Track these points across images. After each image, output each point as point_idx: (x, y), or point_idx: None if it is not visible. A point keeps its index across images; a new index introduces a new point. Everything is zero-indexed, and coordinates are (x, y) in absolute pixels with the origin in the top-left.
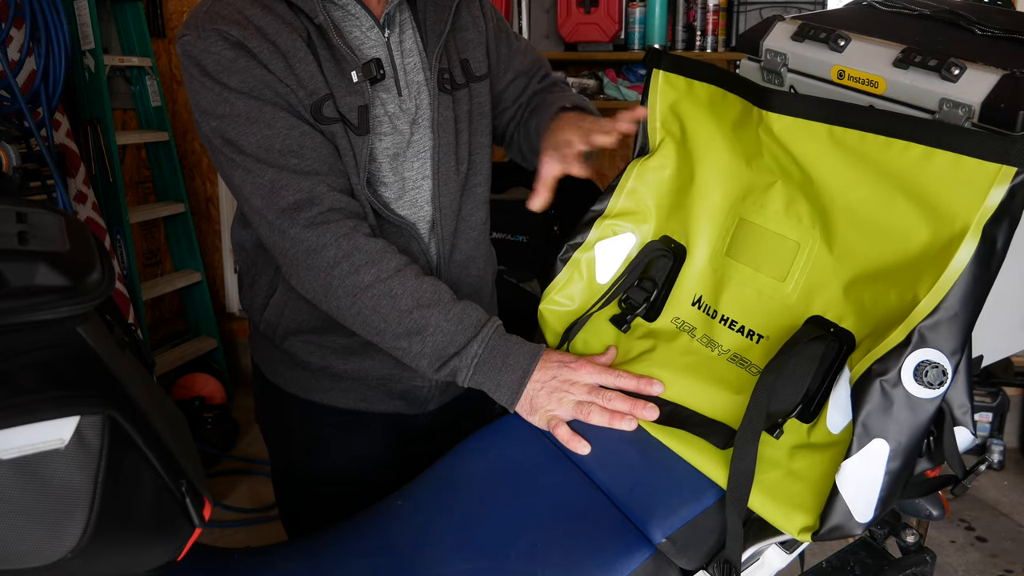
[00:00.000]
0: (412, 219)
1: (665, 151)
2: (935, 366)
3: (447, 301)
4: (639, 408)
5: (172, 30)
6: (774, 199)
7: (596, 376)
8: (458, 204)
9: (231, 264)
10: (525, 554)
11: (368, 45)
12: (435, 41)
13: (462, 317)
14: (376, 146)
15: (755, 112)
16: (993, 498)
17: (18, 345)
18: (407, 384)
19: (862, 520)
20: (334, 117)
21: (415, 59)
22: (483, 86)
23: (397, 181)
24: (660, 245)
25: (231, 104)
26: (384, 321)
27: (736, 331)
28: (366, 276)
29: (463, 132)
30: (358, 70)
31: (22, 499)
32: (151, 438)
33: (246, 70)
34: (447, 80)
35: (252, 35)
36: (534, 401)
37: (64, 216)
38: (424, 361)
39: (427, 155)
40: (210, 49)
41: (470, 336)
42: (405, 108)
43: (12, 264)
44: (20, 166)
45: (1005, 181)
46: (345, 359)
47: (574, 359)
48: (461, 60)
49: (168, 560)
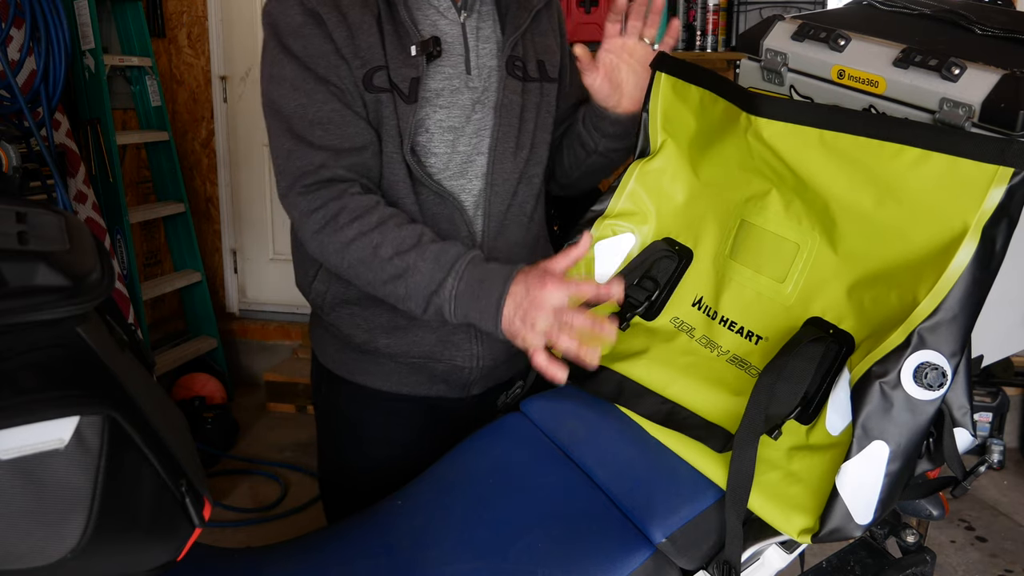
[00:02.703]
0: (457, 191)
1: (666, 153)
2: (935, 368)
3: (426, 242)
4: (598, 325)
5: (172, 30)
6: (773, 201)
7: (558, 294)
8: (513, 187)
9: (231, 264)
10: (525, 554)
11: (443, 24)
12: (512, 32)
13: (439, 256)
14: (431, 117)
15: (743, 117)
16: (993, 498)
17: (18, 345)
18: (448, 364)
19: (862, 522)
20: (384, 87)
21: (491, 46)
22: (554, 88)
23: (448, 153)
24: (665, 246)
25: (283, 67)
26: (370, 271)
27: (735, 332)
28: (349, 231)
29: (528, 121)
30: (417, 44)
31: (22, 499)
32: (151, 438)
33: (309, 37)
34: (519, 68)
35: (326, 4)
36: (512, 327)
37: (64, 216)
38: (411, 303)
39: (486, 133)
40: (286, 12)
41: (446, 271)
42: (471, 86)
43: (12, 264)
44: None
45: (1003, 182)
46: (388, 334)
47: (538, 279)
48: (538, 60)
49: (168, 560)
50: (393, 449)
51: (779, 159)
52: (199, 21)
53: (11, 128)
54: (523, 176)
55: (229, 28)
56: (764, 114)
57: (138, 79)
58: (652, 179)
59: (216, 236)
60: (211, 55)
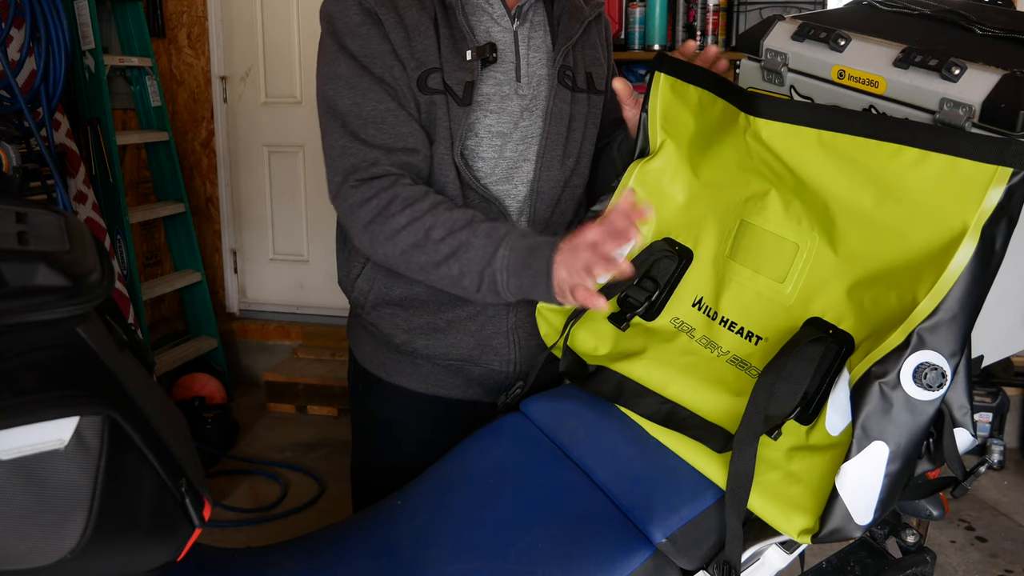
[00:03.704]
0: (502, 196)
1: (666, 153)
2: (934, 368)
3: (478, 221)
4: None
5: (172, 30)
6: (773, 201)
7: (593, 233)
8: (558, 195)
9: (231, 264)
10: (525, 554)
11: (496, 31)
12: (563, 42)
13: (490, 232)
14: (480, 121)
15: (742, 117)
16: (993, 498)
17: (18, 345)
18: (485, 368)
19: (861, 522)
20: (438, 89)
21: (542, 55)
22: (600, 100)
23: (496, 158)
24: (665, 246)
25: (339, 65)
26: (423, 254)
27: (735, 333)
28: (401, 218)
29: (576, 130)
30: (473, 49)
31: (22, 499)
32: (151, 438)
33: (366, 37)
34: (569, 78)
35: (384, 5)
36: (561, 283)
37: (64, 216)
38: (466, 280)
39: (534, 140)
40: (345, 11)
41: (497, 244)
42: (521, 94)
43: (12, 264)
44: (20, 166)
45: (1001, 182)
46: (427, 335)
47: (579, 234)
48: (587, 72)
49: (168, 560)
50: (426, 450)
51: (778, 159)
52: (199, 21)
53: (11, 128)
54: (567, 184)
55: (229, 28)
56: (762, 114)
57: (138, 79)
58: (652, 179)
59: (216, 236)
60: (211, 55)
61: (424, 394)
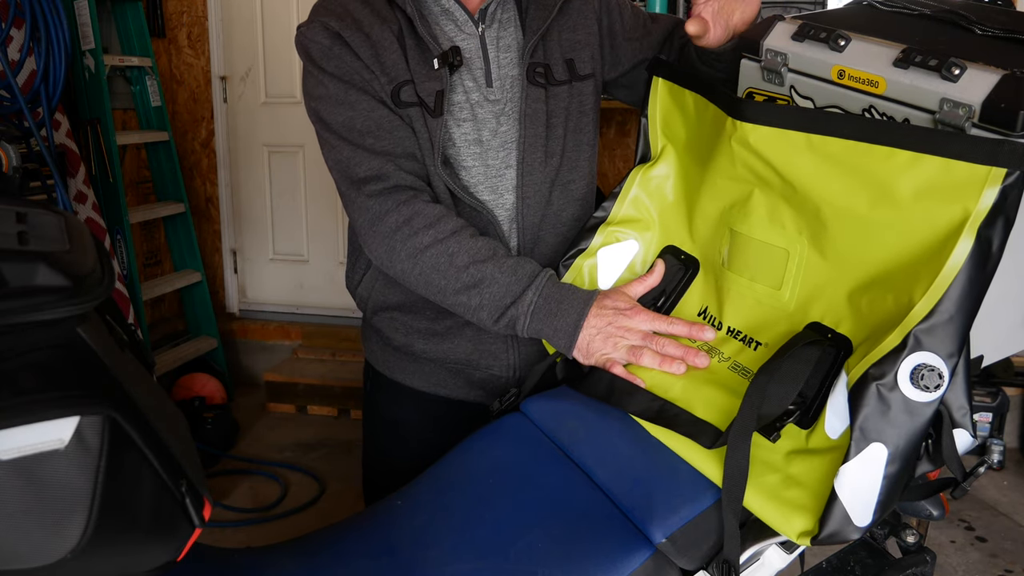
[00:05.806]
0: (492, 205)
1: (667, 158)
2: (931, 369)
3: (502, 256)
4: (691, 356)
5: (172, 30)
6: (756, 208)
7: (650, 323)
8: (546, 196)
9: (231, 264)
10: (525, 554)
11: (460, 37)
12: (531, 37)
13: (516, 269)
14: (455, 131)
15: (729, 122)
16: (993, 498)
17: (18, 345)
18: (485, 372)
19: (861, 524)
20: (412, 101)
21: (512, 55)
22: (587, 85)
23: (479, 167)
24: (673, 256)
25: (325, 86)
26: (444, 278)
27: (739, 340)
28: (425, 238)
29: (556, 127)
30: (438, 57)
31: (22, 499)
32: (151, 438)
33: (339, 57)
34: (540, 75)
35: (348, 26)
36: (590, 346)
37: (64, 216)
38: (484, 313)
39: (513, 145)
40: (314, 38)
41: (525, 285)
42: (492, 99)
43: (12, 264)
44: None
45: (996, 183)
46: (426, 339)
47: (628, 306)
48: (566, 59)
49: (168, 560)
50: (431, 450)
51: (766, 164)
52: (199, 21)
53: (11, 128)
54: (556, 183)
55: (229, 28)
56: (748, 118)
57: (138, 79)
58: (654, 185)
59: (216, 236)
60: (211, 55)
61: (428, 393)
